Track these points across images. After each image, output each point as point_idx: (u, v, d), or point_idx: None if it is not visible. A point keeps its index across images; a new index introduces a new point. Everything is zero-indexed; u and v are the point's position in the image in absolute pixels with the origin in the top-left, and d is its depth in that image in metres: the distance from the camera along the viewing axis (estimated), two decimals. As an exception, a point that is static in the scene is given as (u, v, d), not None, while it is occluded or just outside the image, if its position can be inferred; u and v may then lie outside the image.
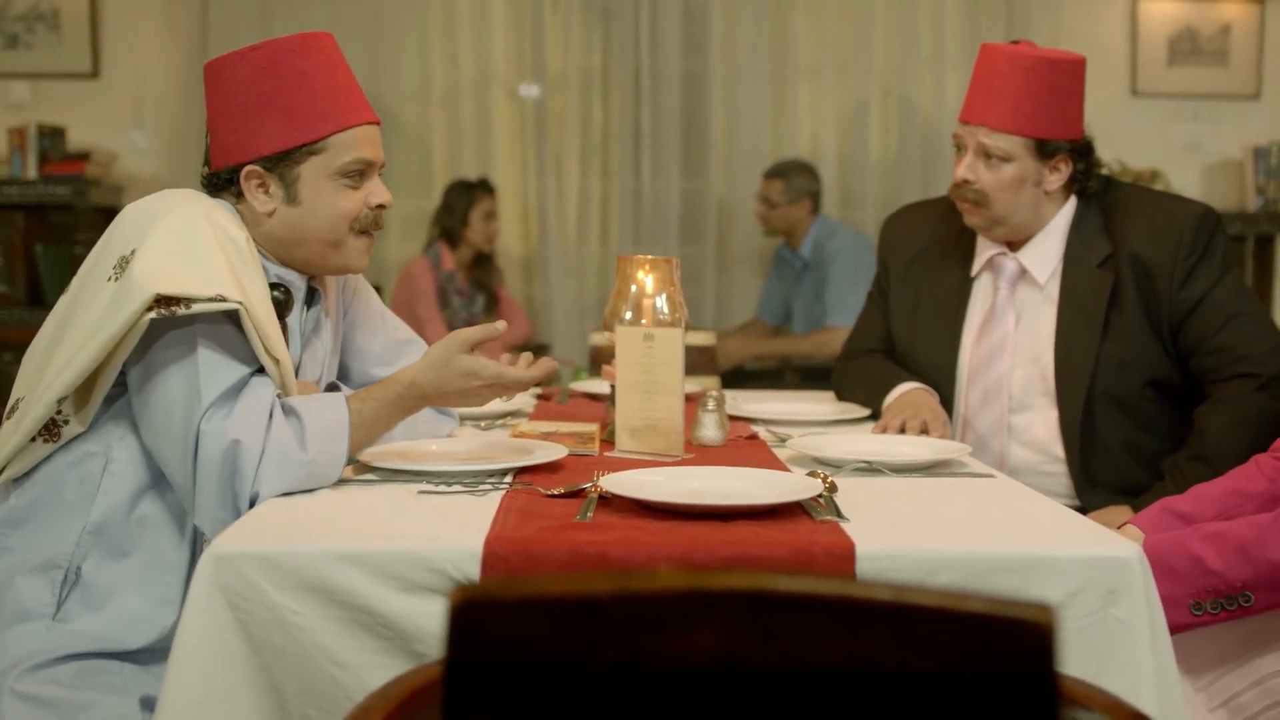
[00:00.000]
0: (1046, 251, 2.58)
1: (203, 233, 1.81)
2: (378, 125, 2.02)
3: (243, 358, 1.81)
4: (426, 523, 1.64)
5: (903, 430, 2.41)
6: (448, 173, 5.57)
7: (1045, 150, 2.51)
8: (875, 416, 2.61)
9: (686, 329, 2.26)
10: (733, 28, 5.63)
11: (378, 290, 2.41)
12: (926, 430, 2.41)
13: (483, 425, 2.54)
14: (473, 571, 1.51)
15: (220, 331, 1.80)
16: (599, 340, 3.37)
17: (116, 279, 1.78)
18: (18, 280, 5.37)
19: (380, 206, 2.00)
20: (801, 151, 5.59)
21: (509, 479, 1.89)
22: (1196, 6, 5.73)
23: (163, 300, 1.72)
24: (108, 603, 1.81)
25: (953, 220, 2.68)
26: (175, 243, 1.79)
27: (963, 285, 2.68)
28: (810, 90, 5.72)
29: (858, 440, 2.27)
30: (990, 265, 2.64)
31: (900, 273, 2.78)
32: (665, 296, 2.26)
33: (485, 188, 5.21)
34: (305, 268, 2.02)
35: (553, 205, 5.64)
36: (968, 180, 2.53)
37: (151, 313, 1.72)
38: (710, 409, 2.28)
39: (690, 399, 2.37)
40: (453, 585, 1.26)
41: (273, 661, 1.50)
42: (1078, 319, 2.53)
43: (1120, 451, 2.52)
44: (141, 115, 5.59)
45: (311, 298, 2.07)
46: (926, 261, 2.75)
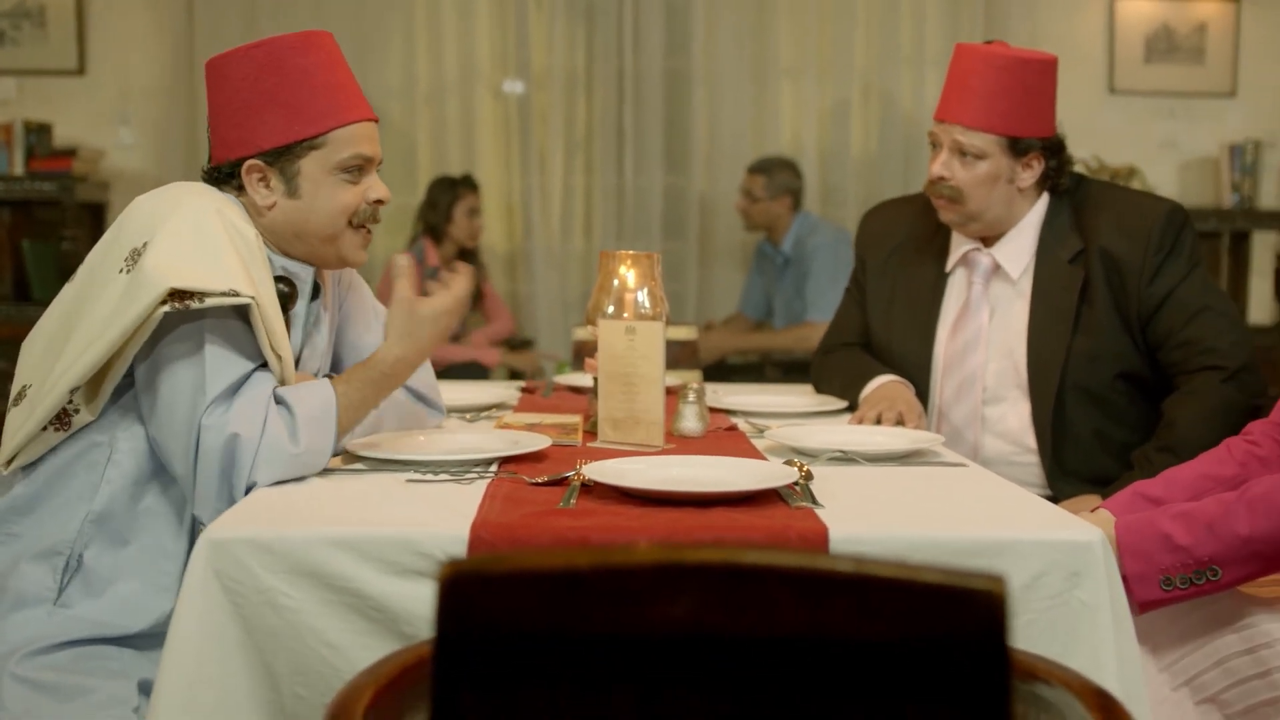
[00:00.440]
0: (1019, 247, 2.64)
1: (215, 227, 1.85)
2: (376, 123, 2.06)
3: (248, 353, 1.85)
4: (414, 509, 1.69)
5: (879, 421, 2.47)
6: (432, 169, 5.61)
7: (1018, 148, 2.56)
8: (852, 408, 2.66)
9: (667, 323, 2.31)
10: (715, 27, 5.69)
11: (366, 285, 2.45)
12: (902, 421, 2.46)
13: (469, 417, 2.60)
14: (459, 555, 1.56)
15: (228, 327, 1.84)
16: (582, 334, 3.41)
17: (128, 271, 1.81)
18: (4, 276, 5.41)
19: (378, 202, 2.04)
20: (783, 149, 5.65)
21: (494, 468, 1.94)
22: (1173, 5, 5.79)
23: (176, 294, 1.76)
24: (107, 589, 1.85)
25: (928, 216, 2.74)
26: (188, 237, 1.83)
27: (938, 280, 2.74)
28: (791, 88, 5.78)
29: (834, 431, 2.33)
30: (965, 260, 2.70)
31: (877, 268, 2.84)
32: (647, 291, 2.31)
33: (469, 184, 5.25)
34: (306, 261, 2.06)
35: (537, 201, 5.69)
36: (943, 177, 2.58)
37: (165, 306, 1.76)
38: (690, 401, 2.34)
39: (671, 391, 2.43)
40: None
41: (265, 643, 1.55)
42: (1050, 313, 2.59)
43: (1091, 442, 2.58)
44: (127, 112, 5.62)
45: (314, 291, 2.11)
46: (903, 257, 2.81)
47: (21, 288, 5.39)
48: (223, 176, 2.01)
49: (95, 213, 5.55)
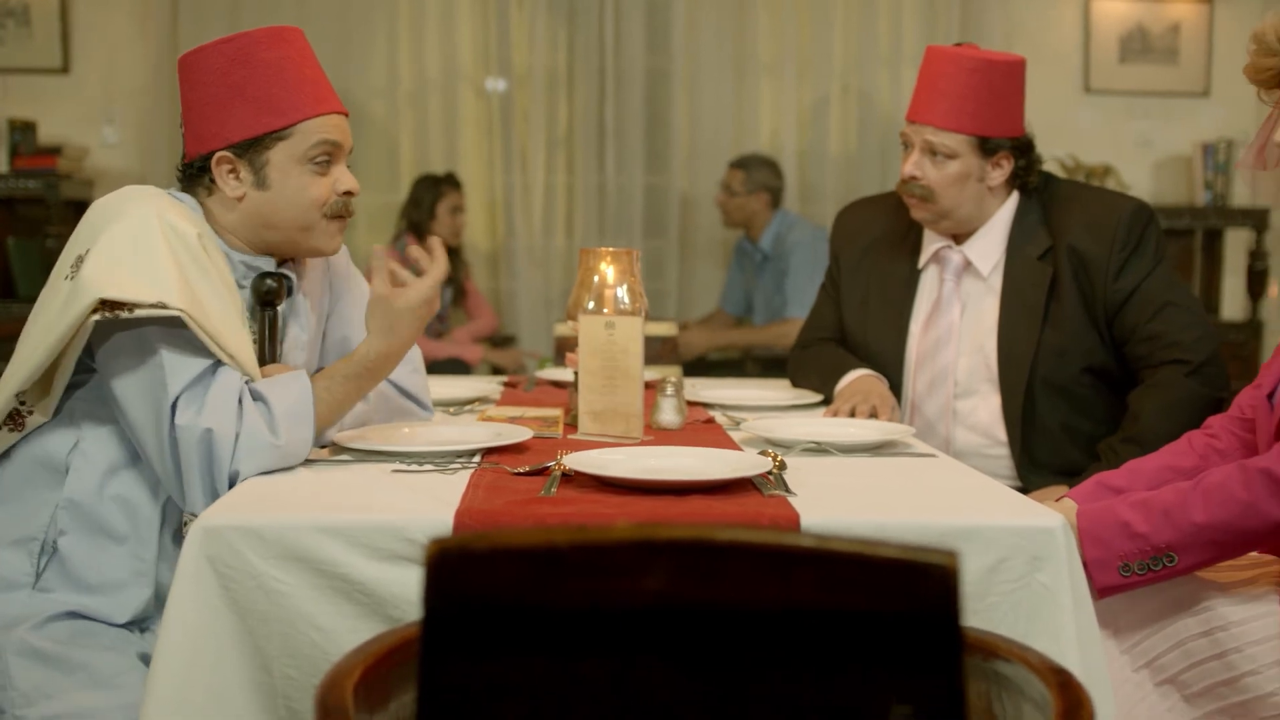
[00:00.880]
0: (990, 244, 2.70)
1: (153, 235, 1.86)
2: (345, 116, 2.09)
3: (202, 350, 1.86)
4: (400, 498, 1.74)
5: (853, 414, 2.53)
6: (415, 167, 5.66)
7: (988, 147, 2.63)
8: (828, 402, 2.72)
9: (646, 318, 2.36)
10: (695, 26, 5.75)
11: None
12: (876, 414, 2.53)
13: (452, 411, 2.65)
14: (444, 540, 1.62)
15: (175, 329, 1.85)
16: (563, 330, 3.46)
17: (71, 278, 1.84)
18: (-11, 273, 5.44)
19: (348, 193, 2.07)
20: (763, 147, 5.71)
21: (477, 459, 2.00)
22: (1147, 6, 5.86)
23: (107, 304, 1.78)
24: (84, 576, 1.89)
25: (901, 215, 2.80)
26: (124, 246, 1.84)
27: (910, 277, 2.80)
28: (771, 87, 5.84)
29: (809, 423, 2.39)
30: (936, 258, 2.77)
31: (851, 265, 2.90)
32: (626, 287, 2.37)
33: (452, 182, 5.30)
34: (278, 252, 2.09)
35: (519, 199, 5.74)
36: (915, 176, 2.65)
37: (96, 315, 1.78)
38: (669, 394, 2.39)
39: (650, 385, 2.48)
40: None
41: (257, 626, 1.61)
42: (1019, 309, 2.65)
43: (1060, 434, 2.65)
44: (112, 110, 5.65)
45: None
46: (876, 254, 2.87)
47: (6, 285, 5.41)
48: (195, 172, 2.04)
49: (80, 210, 5.50)
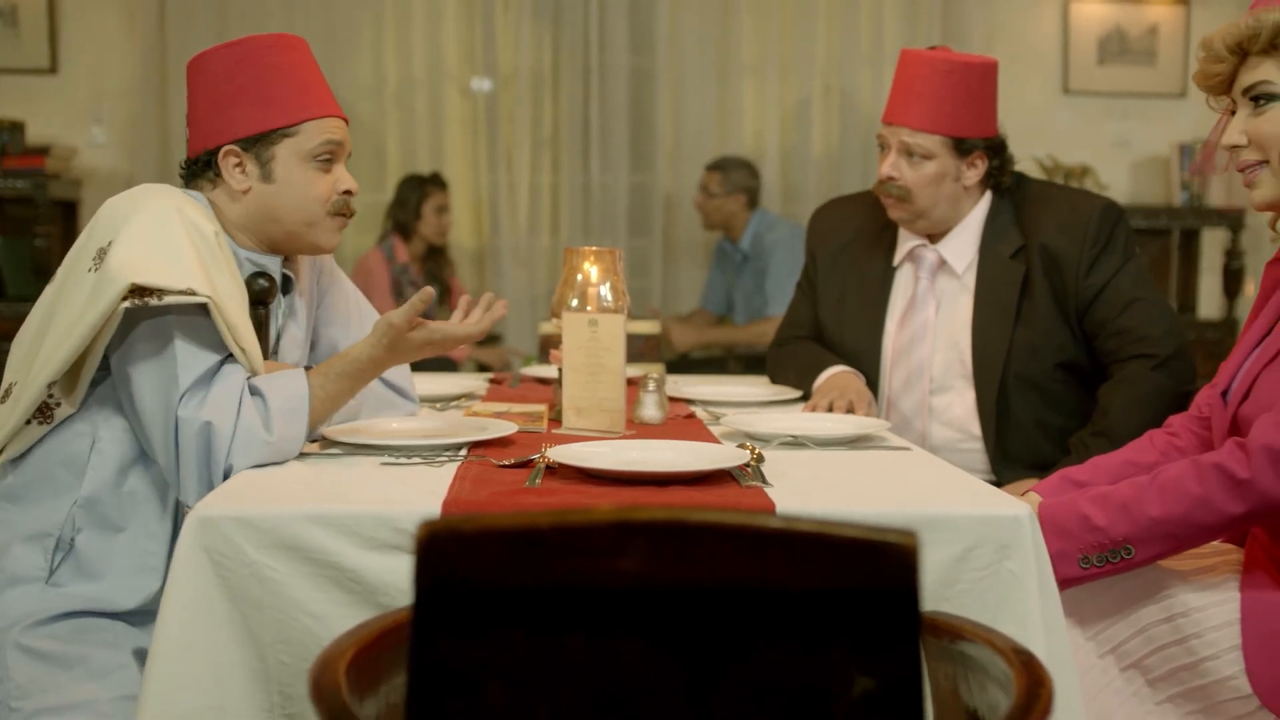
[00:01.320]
0: (964, 243, 2.77)
1: (175, 227, 1.93)
2: (346, 122, 2.17)
3: (214, 346, 1.94)
4: (390, 489, 1.79)
5: (830, 409, 2.59)
6: (401, 167, 5.70)
7: (962, 148, 2.69)
8: (806, 398, 2.78)
9: (629, 315, 2.42)
10: (679, 26, 5.81)
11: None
12: (853, 409, 2.58)
13: (439, 406, 2.70)
14: (432, 530, 1.67)
15: (193, 322, 1.92)
16: (548, 329, 3.51)
17: (95, 270, 1.90)
18: (-22, 273, 5.47)
19: (347, 193, 2.15)
20: (745, 146, 5.77)
21: (464, 452, 2.05)
22: (1125, 8, 5.93)
23: (137, 290, 1.84)
24: (97, 570, 1.95)
25: (876, 214, 2.86)
26: (149, 236, 1.91)
27: (886, 275, 2.86)
28: (754, 87, 5.91)
29: (787, 418, 2.44)
30: (911, 256, 2.83)
31: (827, 263, 2.96)
32: (609, 285, 2.42)
33: (437, 182, 5.35)
34: (278, 248, 2.15)
35: (504, 199, 5.79)
36: (892, 177, 2.71)
37: (126, 302, 1.84)
38: (651, 390, 2.44)
39: (632, 381, 2.54)
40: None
41: (251, 613, 1.66)
42: (992, 306, 2.72)
43: (1033, 429, 2.71)
44: (100, 110, 5.69)
45: (286, 284, 2.21)
46: (852, 253, 2.92)
47: (-5, 283, 5.46)
48: (199, 168, 2.11)
49: (68, 210, 5.62)
